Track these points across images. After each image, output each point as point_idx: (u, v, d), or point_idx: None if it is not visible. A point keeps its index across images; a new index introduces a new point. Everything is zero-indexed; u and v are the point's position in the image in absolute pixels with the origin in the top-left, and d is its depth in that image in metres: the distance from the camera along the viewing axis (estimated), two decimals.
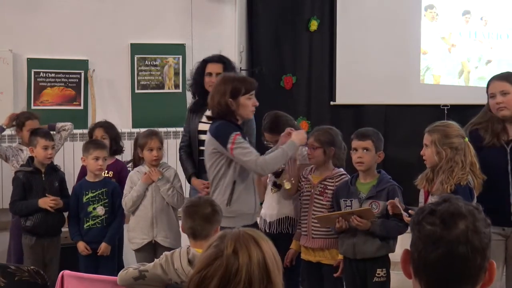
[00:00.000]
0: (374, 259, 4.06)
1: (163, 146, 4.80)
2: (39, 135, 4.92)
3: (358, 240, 4.07)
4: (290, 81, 7.36)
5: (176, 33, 6.94)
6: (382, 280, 4.07)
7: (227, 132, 3.93)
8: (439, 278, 1.56)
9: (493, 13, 7.28)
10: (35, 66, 6.52)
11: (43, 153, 4.87)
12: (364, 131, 4.28)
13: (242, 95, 3.99)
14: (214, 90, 4.08)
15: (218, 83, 4.09)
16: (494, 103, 3.99)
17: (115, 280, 3.32)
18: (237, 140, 3.89)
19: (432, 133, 3.79)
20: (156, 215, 4.68)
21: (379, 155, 4.15)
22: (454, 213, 1.57)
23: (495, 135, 3.99)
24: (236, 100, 3.98)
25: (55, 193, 4.91)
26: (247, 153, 3.89)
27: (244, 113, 4.05)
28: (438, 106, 7.11)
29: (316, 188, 4.33)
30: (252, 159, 3.88)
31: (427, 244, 1.56)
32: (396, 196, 4.01)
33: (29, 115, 5.46)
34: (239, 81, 4.06)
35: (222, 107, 3.98)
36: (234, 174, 3.99)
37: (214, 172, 4.05)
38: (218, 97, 4.00)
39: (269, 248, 1.71)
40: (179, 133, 6.30)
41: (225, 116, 4.00)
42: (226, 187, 4.00)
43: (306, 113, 7.34)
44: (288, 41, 7.37)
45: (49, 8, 6.54)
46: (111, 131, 5.38)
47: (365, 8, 7.26)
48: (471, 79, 7.39)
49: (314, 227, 4.31)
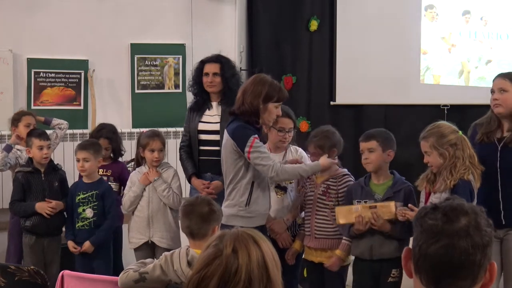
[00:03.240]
0: (390, 260, 4.04)
1: (165, 147, 4.80)
2: (34, 136, 4.92)
3: (376, 241, 4.07)
4: (290, 81, 7.36)
5: (176, 33, 6.94)
6: (395, 280, 4.07)
7: (246, 135, 3.94)
8: (438, 272, 1.56)
9: (493, 13, 7.29)
10: (35, 66, 6.52)
11: (38, 154, 4.88)
12: (369, 132, 4.28)
13: (272, 101, 4.02)
14: (248, 89, 4.05)
15: (255, 83, 4.06)
16: (491, 99, 4.05)
17: (116, 280, 3.32)
18: (255, 144, 3.92)
19: (427, 139, 3.84)
20: (152, 215, 4.69)
21: (388, 154, 4.14)
22: (457, 208, 1.59)
23: (487, 132, 4.03)
24: (265, 105, 4.00)
25: (55, 193, 4.91)
26: (264, 158, 3.94)
27: (267, 120, 4.07)
28: (438, 106, 7.12)
29: (319, 188, 4.34)
30: (268, 164, 3.92)
31: (428, 237, 1.57)
32: (412, 197, 4.04)
33: (23, 111, 5.50)
34: (275, 87, 4.07)
35: (253, 107, 3.98)
36: (253, 175, 4.01)
37: (233, 172, 4.05)
38: (251, 96, 3.99)
39: (268, 248, 1.71)
40: (179, 133, 6.30)
41: (249, 116, 3.99)
42: (245, 188, 4.02)
43: (306, 113, 7.34)
44: (288, 41, 7.36)
45: (49, 8, 6.54)
46: (115, 143, 5.31)
47: (365, 8, 7.26)
48: (471, 79, 7.40)
49: (317, 227, 4.31)
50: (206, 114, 4.79)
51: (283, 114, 4.47)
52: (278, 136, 4.45)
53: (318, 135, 4.36)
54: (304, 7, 7.33)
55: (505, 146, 3.98)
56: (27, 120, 5.32)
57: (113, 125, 5.47)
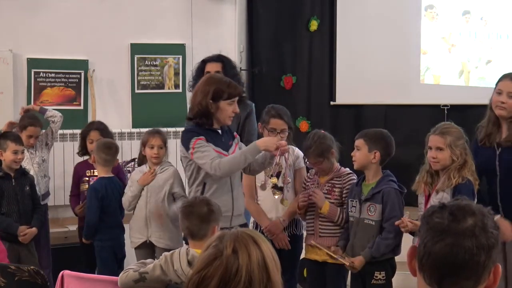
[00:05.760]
0: (373, 262, 4.03)
1: (166, 145, 4.80)
2: (9, 139, 4.86)
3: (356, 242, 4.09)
4: (290, 81, 7.36)
5: (176, 33, 6.94)
6: (380, 283, 4.04)
7: (189, 137, 3.93)
8: (441, 270, 1.56)
9: (493, 13, 7.29)
10: (35, 66, 6.51)
11: (12, 157, 4.82)
12: (363, 130, 4.28)
13: (223, 99, 3.94)
14: (197, 89, 4.03)
15: (203, 83, 4.02)
16: (497, 99, 3.93)
17: (116, 280, 3.32)
18: (196, 144, 3.89)
19: (445, 135, 3.79)
20: (149, 215, 4.69)
21: (374, 154, 4.09)
22: (465, 208, 1.59)
23: (487, 135, 3.99)
24: (217, 104, 3.93)
25: (27, 197, 4.89)
26: (204, 156, 3.87)
27: (221, 118, 3.97)
28: (438, 106, 7.12)
29: (324, 187, 4.34)
30: (207, 162, 3.85)
31: (434, 235, 1.57)
32: (390, 199, 4.00)
33: (33, 121, 5.31)
34: (223, 84, 3.98)
35: (202, 107, 3.93)
36: (204, 177, 3.97)
37: (187, 175, 4.07)
38: (200, 96, 3.94)
39: (268, 248, 1.72)
40: (179, 133, 6.30)
41: (200, 118, 3.96)
42: (196, 190, 4.00)
43: (306, 113, 7.34)
44: (288, 41, 7.37)
45: (49, 8, 6.54)
46: (106, 134, 5.31)
47: (365, 8, 7.27)
48: (471, 79, 7.40)
49: (321, 226, 4.32)
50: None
51: (274, 115, 4.46)
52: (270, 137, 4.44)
53: (312, 145, 4.31)
54: (304, 7, 7.33)
55: (503, 150, 3.94)
56: (31, 132, 5.26)
57: (103, 123, 5.49)
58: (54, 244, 5.49)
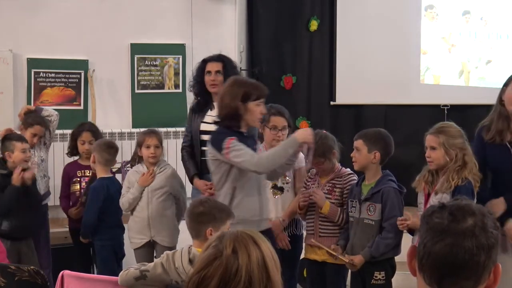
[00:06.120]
0: (372, 262, 4.03)
1: (162, 145, 4.79)
2: (14, 139, 4.88)
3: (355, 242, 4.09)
4: (290, 81, 7.37)
5: (176, 33, 6.94)
6: (380, 283, 4.03)
7: (221, 138, 3.87)
8: (441, 270, 1.57)
9: (493, 13, 7.29)
10: (35, 66, 6.52)
11: (21, 156, 4.83)
12: (362, 131, 4.27)
13: (252, 100, 3.90)
14: (225, 91, 3.98)
15: (230, 85, 3.98)
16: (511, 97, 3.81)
17: (116, 280, 3.32)
18: (231, 144, 3.82)
19: (438, 134, 3.79)
20: (152, 216, 4.69)
21: (374, 154, 4.09)
22: (465, 208, 1.59)
23: (498, 132, 3.93)
24: (245, 105, 3.89)
25: None
26: (241, 154, 3.80)
27: (251, 119, 3.94)
28: (438, 106, 7.13)
29: (324, 187, 4.34)
30: (246, 159, 3.79)
31: (434, 235, 1.57)
32: (390, 198, 4.00)
33: (40, 120, 5.26)
34: (251, 85, 3.97)
35: (232, 109, 3.89)
36: (234, 181, 3.92)
37: (216, 179, 4.00)
38: (228, 99, 3.90)
39: (268, 248, 1.72)
40: (179, 133, 6.30)
41: (229, 121, 3.93)
42: (226, 194, 3.94)
43: (306, 113, 7.35)
44: (288, 41, 7.37)
45: (49, 8, 6.54)
46: (98, 135, 5.30)
47: (365, 8, 7.27)
48: (471, 79, 7.40)
49: (321, 226, 4.32)
50: (208, 115, 4.77)
51: (275, 113, 4.46)
52: (271, 134, 4.46)
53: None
54: (304, 7, 7.34)
55: None
56: (36, 131, 5.24)
57: (94, 124, 5.48)
58: (54, 244, 5.48)
